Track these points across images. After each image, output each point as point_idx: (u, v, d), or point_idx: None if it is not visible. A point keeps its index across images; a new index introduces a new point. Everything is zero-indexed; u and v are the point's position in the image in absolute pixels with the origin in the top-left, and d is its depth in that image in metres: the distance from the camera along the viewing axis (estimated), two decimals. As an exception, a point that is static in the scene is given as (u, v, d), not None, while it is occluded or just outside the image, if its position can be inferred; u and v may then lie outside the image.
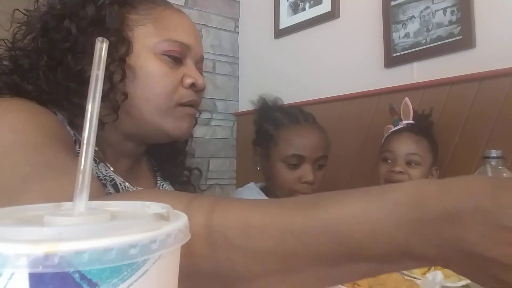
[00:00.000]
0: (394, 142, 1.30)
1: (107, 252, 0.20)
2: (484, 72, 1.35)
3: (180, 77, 0.72)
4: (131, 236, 0.21)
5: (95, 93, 0.28)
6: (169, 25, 0.73)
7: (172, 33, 0.72)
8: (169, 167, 0.88)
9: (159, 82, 0.69)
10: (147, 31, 0.71)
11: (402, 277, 0.71)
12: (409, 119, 1.31)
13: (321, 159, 1.13)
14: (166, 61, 0.71)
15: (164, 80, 0.70)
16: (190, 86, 0.73)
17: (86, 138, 0.27)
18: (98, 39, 0.30)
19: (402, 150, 1.27)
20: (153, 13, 0.72)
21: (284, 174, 1.11)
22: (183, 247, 0.25)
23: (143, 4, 0.73)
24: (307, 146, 1.11)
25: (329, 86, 1.87)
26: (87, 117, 0.28)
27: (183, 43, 0.72)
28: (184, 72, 0.73)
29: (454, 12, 1.44)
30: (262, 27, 2.27)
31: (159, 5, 0.74)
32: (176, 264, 0.26)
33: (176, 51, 0.71)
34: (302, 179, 1.10)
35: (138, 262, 0.21)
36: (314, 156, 1.11)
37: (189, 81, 0.72)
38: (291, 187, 1.11)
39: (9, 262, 0.19)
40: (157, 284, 0.23)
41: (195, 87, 0.73)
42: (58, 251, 0.19)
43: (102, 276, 0.20)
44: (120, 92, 0.67)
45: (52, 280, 0.19)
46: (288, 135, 1.13)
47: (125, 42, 0.68)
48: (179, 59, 0.72)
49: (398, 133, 1.32)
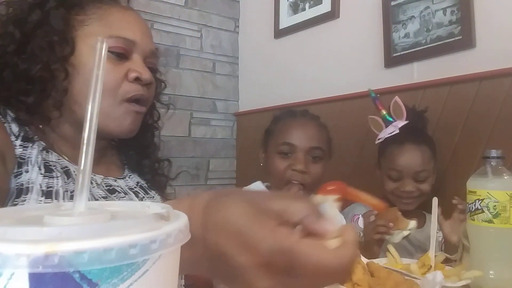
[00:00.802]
0: (399, 159, 1.26)
1: (107, 252, 0.20)
2: (484, 72, 1.35)
3: (124, 72, 0.73)
4: (131, 236, 0.21)
5: (95, 93, 0.28)
6: (113, 22, 0.75)
7: (115, 29, 0.73)
8: (137, 159, 0.90)
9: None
10: (92, 29, 0.73)
11: (402, 277, 0.71)
12: (402, 118, 1.28)
13: (315, 151, 1.15)
14: (109, 58, 0.70)
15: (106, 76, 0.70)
16: (135, 80, 0.73)
17: (86, 138, 0.27)
18: (98, 39, 0.30)
19: (409, 169, 1.24)
20: (98, 12, 0.74)
21: (277, 162, 1.15)
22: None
23: (90, 4, 0.75)
24: (298, 135, 1.15)
25: (329, 86, 1.87)
26: (87, 117, 0.28)
27: (126, 38, 0.73)
28: (129, 67, 0.73)
29: (454, 12, 1.44)
30: (262, 27, 2.27)
31: (105, 4, 0.76)
32: (176, 264, 0.26)
33: (119, 47, 0.72)
34: (292, 167, 1.12)
35: (138, 262, 0.21)
36: (306, 146, 1.14)
37: (133, 75, 0.73)
38: (283, 175, 1.13)
39: (9, 262, 0.19)
40: (157, 284, 0.23)
41: (140, 80, 0.74)
42: (58, 251, 0.19)
43: (102, 276, 0.20)
44: (61, 89, 0.70)
45: (52, 280, 0.19)
46: (283, 126, 1.18)
47: (69, 42, 0.71)
48: (124, 54, 0.73)
49: (400, 146, 1.27)
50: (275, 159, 1.16)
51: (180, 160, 2.11)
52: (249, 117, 2.27)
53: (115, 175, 0.82)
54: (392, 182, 1.26)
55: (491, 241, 0.82)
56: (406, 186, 1.24)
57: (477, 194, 0.82)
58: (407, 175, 1.24)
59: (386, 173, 1.28)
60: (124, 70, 0.73)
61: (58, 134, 0.75)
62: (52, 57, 0.70)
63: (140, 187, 0.86)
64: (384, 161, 1.32)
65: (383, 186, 1.30)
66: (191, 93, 2.21)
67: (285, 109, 1.36)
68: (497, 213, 0.79)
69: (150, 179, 0.90)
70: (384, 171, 1.30)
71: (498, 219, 0.79)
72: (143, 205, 0.30)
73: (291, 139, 1.14)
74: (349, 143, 1.69)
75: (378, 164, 1.36)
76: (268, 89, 2.21)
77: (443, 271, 0.76)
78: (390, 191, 1.27)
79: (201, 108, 2.24)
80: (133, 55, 0.75)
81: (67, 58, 0.70)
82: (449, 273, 0.78)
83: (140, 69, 0.74)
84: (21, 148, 0.68)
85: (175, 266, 0.26)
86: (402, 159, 1.25)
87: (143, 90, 0.75)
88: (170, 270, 0.25)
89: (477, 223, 0.82)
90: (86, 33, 0.73)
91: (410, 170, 1.24)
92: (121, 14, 0.77)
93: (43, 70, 0.69)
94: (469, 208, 0.84)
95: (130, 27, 0.76)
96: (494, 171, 0.82)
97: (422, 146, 1.27)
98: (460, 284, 0.75)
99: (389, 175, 1.27)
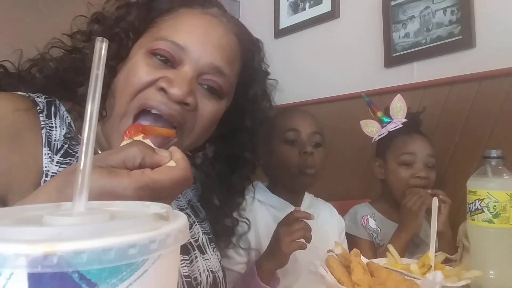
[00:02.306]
0: (411, 144, 1.27)
1: (106, 252, 0.20)
2: (484, 72, 1.35)
3: (156, 77, 0.61)
4: (130, 236, 0.21)
5: (95, 93, 0.28)
6: (174, 24, 0.65)
7: (168, 32, 0.64)
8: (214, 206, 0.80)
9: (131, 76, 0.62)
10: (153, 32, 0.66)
11: (402, 277, 0.71)
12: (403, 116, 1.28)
13: (315, 136, 1.18)
14: (151, 60, 0.62)
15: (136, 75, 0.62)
16: (162, 89, 0.61)
17: (86, 138, 0.27)
18: (98, 39, 0.30)
19: (423, 152, 1.26)
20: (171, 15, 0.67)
21: (286, 151, 1.17)
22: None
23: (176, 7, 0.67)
24: (300, 121, 1.19)
25: (329, 86, 1.87)
26: (86, 117, 0.28)
27: (175, 42, 0.62)
28: (166, 75, 0.61)
29: (454, 12, 1.44)
30: (262, 27, 2.26)
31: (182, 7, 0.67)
32: (175, 264, 0.26)
33: (163, 50, 0.62)
34: (302, 150, 1.15)
35: (137, 262, 0.21)
36: (308, 130, 1.18)
37: (160, 84, 0.61)
38: (295, 161, 1.15)
39: (8, 262, 0.19)
40: (156, 284, 0.23)
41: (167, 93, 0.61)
42: (57, 251, 0.19)
43: (101, 276, 0.20)
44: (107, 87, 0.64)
45: (51, 280, 0.19)
46: (283, 117, 1.22)
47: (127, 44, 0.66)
48: (168, 60, 0.63)
49: (409, 135, 1.29)
50: (282, 148, 1.17)
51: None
52: (249, 117, 2.27)
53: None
54: (405, 169, 1.26)
55: (491, 241, 0.82)
56: (420, 171, 1.24)
57: (477, 194, 0.82)
58: (420, 159, 1.25)
59: (398, 160, 1.27)
60: (159, 75, 0.61)
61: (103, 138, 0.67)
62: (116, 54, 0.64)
63: (191, 208, 0.78)
64: (392, 151, 1.30)
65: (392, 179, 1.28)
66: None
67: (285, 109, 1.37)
68: (497, 213, 0.79)
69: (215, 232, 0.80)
70: (394, 159, 1.29)
71: (498, 219, 0.79)
72: (142, 205, 0.30)
73: (295, 125, 1.18)
74: (348, 143, 1.69)
75: (380, 158, 1.35)
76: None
77: (443, 271, 0.75)
78: (404, 180, 1.25)
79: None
80: (184, 66, 0.63)
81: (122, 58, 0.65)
82: (449, 273, 0.78)
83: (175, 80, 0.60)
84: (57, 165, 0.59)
85: (175, 266, 0.26)
86: (414, 144, 1.27)
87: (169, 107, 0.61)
88: (170, 270, 0.25)
89: (477, 223, 0.82)
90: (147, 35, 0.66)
91: (423, 153, 1.25)
92: (190, 16, 0.66)
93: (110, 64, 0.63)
94: (469, 208, 0.83)
95: (188, 31, 0.64)
96: (494, 171, 0.82)
97: (426, 138, 1.30)
98: (460, 284, 0.75)
99: (402, 161, 1.26)
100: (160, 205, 0.29)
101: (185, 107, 0.62)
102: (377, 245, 1.23)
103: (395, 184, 1.28)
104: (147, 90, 0.61)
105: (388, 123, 1.21)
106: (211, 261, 0.73)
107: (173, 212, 0.27)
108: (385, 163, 1.32)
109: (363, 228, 1.24)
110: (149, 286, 0.22)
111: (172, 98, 0.60)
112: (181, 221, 0.25)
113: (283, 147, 1.17)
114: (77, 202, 0.26)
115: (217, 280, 0.72)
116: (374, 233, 1.23)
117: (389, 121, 1.22)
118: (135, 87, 0.61)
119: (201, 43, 0.63)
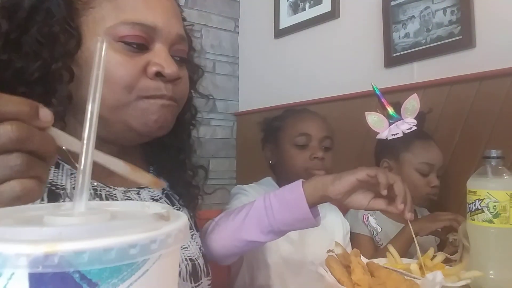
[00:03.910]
0: (430, 153, 1.26)
1: (107, 252, 0.20)
2: (484, 72, 1.35)
3: (142, 66, 0.59)
4: (131, 236, 0.21)
5: (95, 93, 0.28)
6: (127, 2, 0.59)
7: (130, 13, 0.58)
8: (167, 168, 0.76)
9: (113, 75, 0.57)
10: (100, 14, 0.58)
11: (402, 277, 0.71)
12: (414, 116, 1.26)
13: (326, 140, 1.18)
14: (123, 49, 0.58)
15: (118, 72, 0.57)
16: (156, 75, 0.59)
17: (86, 138, 0.27)
18: (98, 39, 0.30)
19: (438, 164, 1.26)
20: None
21: (295, 155, 1.16)
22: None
23: None
24: (311, 125, 1.18)
25: (329, 86, 1.87)
26: (87, 117, 0.28)
27: (145, 24, 0.59)
28: (148, 60, 0.59)
29: (454, 12, 1.44)
30: (262, 27, 2.27)
31: None
32: (176, 264, 0.26)
33: (136, 36, 0.58)
34: (313, 156, 1.14)
35: (138, 262, 0.21)
36: (319, 135, 1.17)
37: (153, 70, 0.59)
38: (304, 166, 1.15)
39: (9, 262, 0.19)
40: (157, 284, 0.23)
41: (163, 76, 0.60)
42: (58, 251, 0.19)
43: (102, 276, 0.20)
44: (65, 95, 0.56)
45: (52, 280, 0.19)
46: (294, 120, 1.21)
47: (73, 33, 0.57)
48: (143, 45, 0.59)
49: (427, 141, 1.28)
50: (292, 151, 1.17)
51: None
52: (249, 117, 2.27)
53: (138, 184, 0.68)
54: (421, 178, 1.25)
55: (491, 241, 0.82)
56: (435, 181, 1.24)
57: (477, 194, 0.82)
58: (436, 169, 1.25)
59: (416, 167, 1.26)
60: (142, 63, 0.59)
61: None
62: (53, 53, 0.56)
63: (166, 196, 0.74)
64: (409, 155, 1.28)
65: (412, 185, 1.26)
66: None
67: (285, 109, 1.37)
68: (497, 213, 0.79)
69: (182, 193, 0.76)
70: (412, 165, 1.27)
71: (498, 219, 0.79)
72: (143, 205, 0.30)
73: (306, 130, 1.17)
74: (349, 143, 1.69)
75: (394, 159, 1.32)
76: (268, 89, 2.21)
77: (443, 271, 0.75)
78: (419, 187, 1.24)
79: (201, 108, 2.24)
80: (155, 44, 0.61)
81: (71, 55, 0.57)
82: (449, 273, 0.78)
83: (162, 61, 0.59)
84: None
85: (175, 266, 0.26)
86: (433, 153, 1.26)
87: (166, 89, 0.61)
88: (170, 270, 0.25)
89: (477, 223, 0.82)
90: (93, 19, 0.58)
91: (439, 163, 1.26)
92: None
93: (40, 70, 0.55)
94: (469, 208, 0.84)
95: (150, 8, 0.60)
96: (494, 171, 0.82)
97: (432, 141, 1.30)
98: (460, 284, 0.75)
99: (420, 170, 1.25)
100: (160, 205, 0.29)
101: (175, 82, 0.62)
102: (376, 243, 1.23)
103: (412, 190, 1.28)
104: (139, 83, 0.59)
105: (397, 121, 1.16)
106: (190, 249, 0.72)
107: (174, 212, 0.27)
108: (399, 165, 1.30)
109: (364, 225, 1.24)
110: (150, 286, 0.22)
111: (168, 78, 0.60)
112: (181, 221, 0.25)
113: (293, 151, 1.17)
114: (77, 202, 0.26)
115: (197, 268, 0.71)
116: (375, 231, 1.23)
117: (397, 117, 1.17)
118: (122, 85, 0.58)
119: (165, 17, 0.61)
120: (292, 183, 0.80)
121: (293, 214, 0.76)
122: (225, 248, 0.81)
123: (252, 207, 0.79)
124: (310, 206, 0.76)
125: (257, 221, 0.77)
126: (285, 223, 0.77)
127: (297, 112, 1.27)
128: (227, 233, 0.80)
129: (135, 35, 0.58)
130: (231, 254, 0.84)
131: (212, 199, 0.86)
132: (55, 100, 0.56)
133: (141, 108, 0.60)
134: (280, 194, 0.78)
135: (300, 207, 0.75)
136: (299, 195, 0.75)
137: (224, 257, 0.84)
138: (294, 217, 0.76)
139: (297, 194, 0.76)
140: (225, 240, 0.80)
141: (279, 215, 0.76)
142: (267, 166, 1.28)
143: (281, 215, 0.76)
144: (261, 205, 0.78)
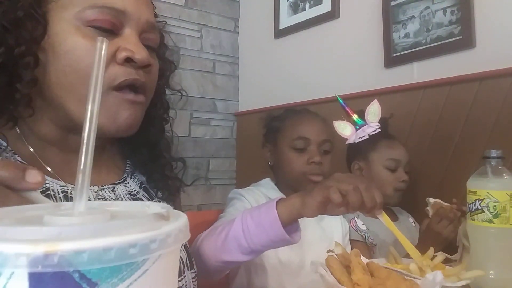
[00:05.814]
0: (395, 150, 1.33)
1: (106, 251, 0.20)
2: (484, 72, 1.35)
3: (112, 52, 0.57)
4: (130, 236, 0.21)
5: (95, 93, 0.28)
6: None
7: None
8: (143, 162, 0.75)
9: (80, 62, 0.55)
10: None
11: (402, 277, 0.71)
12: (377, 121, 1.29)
13: (325, 144, 1.17)
14: (91, 35, 0.56)
15: (87, 59, 0.55)
16: (126, 61, 0.57)
17: (86, 138, 0.27)
18: (98, 39, 0.30)
19: (405, 158, 1.33)
20: None
21: (293, 158, 1.15)
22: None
23: None
24: (310, 129, 1.17)
25: (329, 86, 1.87)
26: (87, 117, 0.28)
27: (113, 8, 0.57)
28: (118, 45, 0.57)
29: (454, 12, 1.44)
30: (262, 27, 2.27)
31: None
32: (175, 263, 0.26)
33: (104, 21, 0.57)
34: (310, 160, 1.13)
35: (137, 261, 0.21)
36: (318, 139, 1.16)
37: (123, 55, 0.57)
38: (301, 170, 1.14)
39: (9, 262, 0.19)
40: (157, 284, 0.23)
41: (133, 62, 0.58)
42: (58, 250, 0.19)
43: (101, 275, 0.20)
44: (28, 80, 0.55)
45: (52, 280, 0.19)
46: (293, 122, 1.20)
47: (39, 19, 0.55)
48: (111, 30, 0.58)
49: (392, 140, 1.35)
50: (290, 154, 1.16)
51: (180, 160, 2.11)
52: (249, 117, 2.27)
53: (113, 180, 0.68)
54: (390, 173, 1.31)
55: (491, 241, 0.82)
56: (403, 176, 1.30)
57: (477, 194, 0.82)
58: (402, 165, 1.32)
59: (384, 164, 1.32)
60: (112, 49, 0.57)
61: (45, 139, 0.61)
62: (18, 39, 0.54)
63: (144, 190, 0.73)
64: (377, 154, 1.34)
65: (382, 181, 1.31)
66: (191, 93, 2.21)
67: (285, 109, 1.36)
68: (497, 213, 0.79)
69: (161, 186, 0.76)
70: (380, 163, 1.33)
71: (498, 219, 0.79)
72: (143, 205, 0.30)
73: (305, 133, 1.16)
74: (349, 143, 1.69)
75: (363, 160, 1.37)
76: (268, 89, 2.21)
77: (443, 271, 0.75)
78: (389, 183, 1.30)
79: (201, 108, 2.24)
80: (125, 29, 0.59)
81: (38, 41, 0.55)
82: (449, 273, 0.78)
83: (132, 46, 0.58)
84: None
85: (175, 265, 0.26)
86: (398, 150, 1.34)
87: (137, 74, 0.59)
88: (170, 270, 0.25)
89: (477, 223, 0.82)
90: (62, 3, 0.57)
91: (405, 159, 1.33)
92: None
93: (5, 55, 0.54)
94: (469, 208, 0.84)
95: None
96: (494, 171, 0.82)
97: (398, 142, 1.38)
98: (460, 284, 0.75)
99: (388, 166, 1.32)
100: (160, 205, 0.29)
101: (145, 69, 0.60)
102: (370, 244, 1.22)
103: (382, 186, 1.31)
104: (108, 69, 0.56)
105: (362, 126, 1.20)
106: None
107: (173, 212, 0.27)
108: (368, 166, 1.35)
109: (354, 231, 1.24)
110: (150, 286, 0.22)
111: (138, 64, 0.58)
112: (181, 221, 0.25)
113: (291, 154, 1.16)
114: (77, 202, 0.26)
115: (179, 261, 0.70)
116: (365, 233, 1.23)
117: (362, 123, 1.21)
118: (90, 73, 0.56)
119: (135, 2, 0.60)
120: (268, 202, 0.79)
121: (269, 236, 0.75)
122: (212, 266, 0.81)
123: (231, 229, 0.78)
124: (287, 225, 0.75)
125: (237, 243, 0.77)
126: (262, 245, 0.77)
127: (296, 114, 1.25)
128: (210, 253, 0.80)
129: (104, 19, 0.57)
130: (217, 272, 0.84)
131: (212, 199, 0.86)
132: (20, 85, 0.54)
133: (111, 103, 0.57)
134: (256, 216, 0.77)
135: (275, 229, 0.74)
136: (273, 218, 0.74)
137: (212, 273, 0.84)
138: (270, 239, 0.75)
139: (272, 216, 0.75)
140: (209, 260, 0.80)
141: (256, 238, 0.76)
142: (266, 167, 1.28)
143: (257, 238, 0.76)
144: (239, 227, 0.77)
